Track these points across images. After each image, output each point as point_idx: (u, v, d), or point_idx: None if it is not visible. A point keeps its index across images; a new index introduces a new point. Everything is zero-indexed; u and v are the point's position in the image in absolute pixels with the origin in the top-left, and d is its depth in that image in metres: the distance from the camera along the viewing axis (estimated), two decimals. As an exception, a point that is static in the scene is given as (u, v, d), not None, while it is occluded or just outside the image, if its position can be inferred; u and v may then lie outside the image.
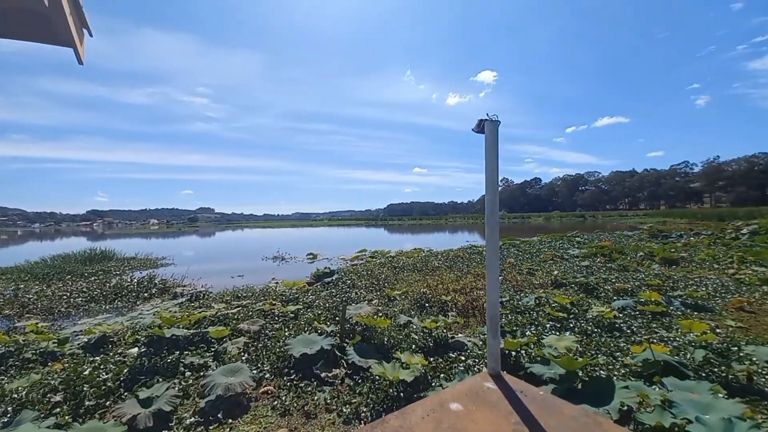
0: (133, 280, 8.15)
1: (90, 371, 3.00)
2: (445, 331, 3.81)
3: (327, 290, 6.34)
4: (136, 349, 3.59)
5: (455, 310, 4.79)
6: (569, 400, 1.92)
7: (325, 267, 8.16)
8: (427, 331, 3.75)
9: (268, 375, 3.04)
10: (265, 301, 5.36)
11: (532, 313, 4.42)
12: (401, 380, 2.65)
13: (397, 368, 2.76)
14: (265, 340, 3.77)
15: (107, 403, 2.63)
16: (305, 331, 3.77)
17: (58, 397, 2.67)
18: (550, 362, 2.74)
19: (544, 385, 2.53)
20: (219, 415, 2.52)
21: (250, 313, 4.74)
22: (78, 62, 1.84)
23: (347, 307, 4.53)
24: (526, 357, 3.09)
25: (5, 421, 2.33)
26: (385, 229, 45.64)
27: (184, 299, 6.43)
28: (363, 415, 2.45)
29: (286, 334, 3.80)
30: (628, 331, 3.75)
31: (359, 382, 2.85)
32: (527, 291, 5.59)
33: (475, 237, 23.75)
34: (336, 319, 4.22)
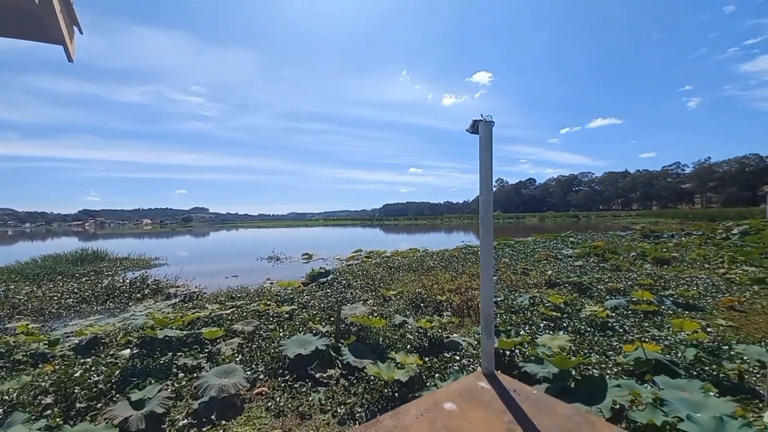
0: (125, 280, 8.05)
1: (81, 373, 2.97)
2: (440, 330, 3.82)
3: (322, 290, 6.32)
4: (128, 351, 3.55)
5: (450, 309, 4.81)
6: (562, 399, 1.93)
7: (321, 267, 8.14)
8: (422, 331, 3.75)
9: (262, 376, 3.02)
10: (259, 302, 5.33)
11: (527, 312, 4.45)
12: (396, 380, 2.65)
13: (392, 368, 2.76)
14: (260, 340, 3.75)
15: (98, 406, 2.61)
16: (300, 332, 3.76)
17: (49, 399, 2.64)
18: (543, 361, 2.76)
19: (538, 384, 2.55)
20: (212, 417, 2.50)
21: (245, 314, 4.71)
22: (68, 60, 1.82)
23: (342, 307, 4.52)
24: (521, 356, 3.10)
25: (-5, 424, 2.29)
26: (380, 229, 45.61)
27: (177, 300, 6.38)
28: (358, 415, 2.45)
29: (281, 334, 3.78)
30: (621, 330, 3.79)
31: (354, 382, 2.84)
32: (522, 290, 5.62)
33: (471, 237, 23.82)
34: (331, 319, 4.22)
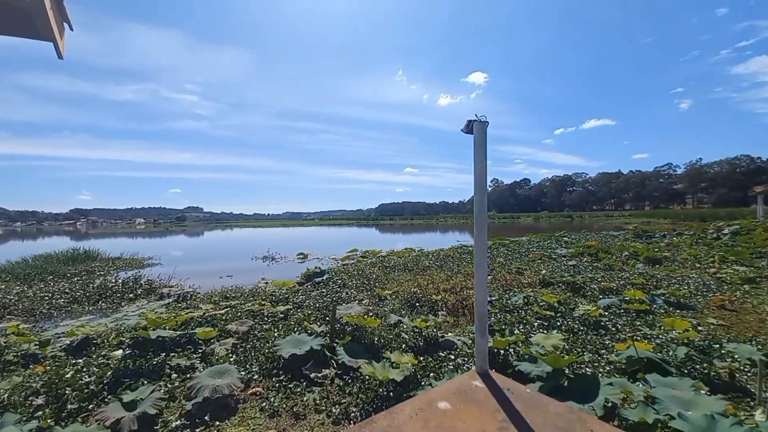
0: (117, 280, 7.96)
1: (72, 374, 2.94)
2: (435, 330, 3.83)
3: (317, 290, 6.31)
4: (120, 352, 3.51)
5: (445, 309, 4.82)
6: (555, 398, 1.95)
7: (316, 267, 8.12)
8: (417, 331, 3.76)
9: (256, 376, 3.01)
10: (254, 302, 5.31)
11: (521, 311, 4.48)
12: (391, 380, 2.65)
13: (387, 368, 2.76)
14: (254, 341, 3.74)
15: (90, 407, 2.58)
16: (295, 332, 3.75)
17: (40, 400, 2.61)
18: (537, 360, 2.78)
19: (532, 382, 2.56)
20: (206, 418, 2.48)
21: (239, 314, 4.68)
22: (58, 57, 1.79)
23: (338, 307, 4.51)
24: (515, 355, 3.13)
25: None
26: (376, 228, 45.59)
27: (170, 300, 6.33)
28: (352, 415, 2.45)
29: (276, 334, 3.77)
30: (613, 329, 3.83)
31: (349, 382, 2.84)
32: (516, 290, 5.66)
33: (466, 237, 23.91)
34: (326, 319, 4.21)
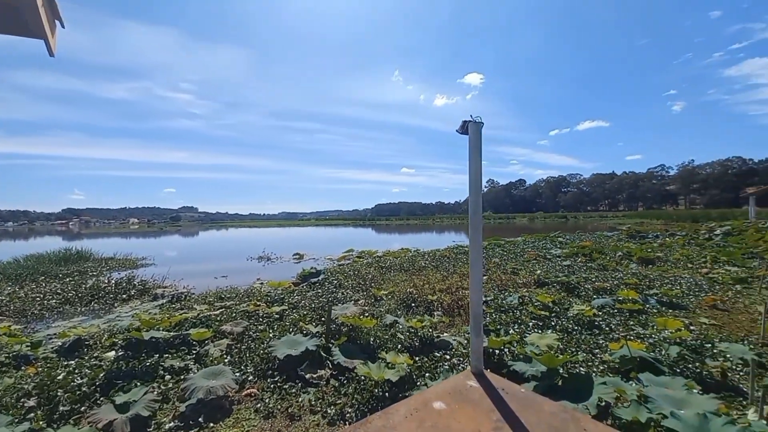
0: (110, 281, 7.88)
1: (64, 375, 2.91)
2: (430, 330, 3.84)
3: (313, 290, 6.29)
4: (113, 353, 3.48)
5: (441, 309, 4.83)
6: (550, 397, 1.96)
7: (312, 267, 8.09)
8: (412, 331, 3.76)
9: (251, 377, 2.99)
10: (249, 302, 5.28)
11: (516, 311, 4.50)
12: (387, 380, 2.65)
13: (382, 368, 2.76)
14: (249, 341, 3.72)
15: (82, 409, 2.55)
16: (290, 332, 3.73)
17: (32, 402, 2.58)
18: (532, 360, 2.79)
19: (526, 382, 2.58)
20: (200, 419, 2.46)
21: (234, 315, 4.66)
22: (49, 54, 1.77)
23: (333, 307, 4.50)
24: (509, 355, 3.14)
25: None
26: (372, 229, 45.58)
27: (164, 301, 6.26)
28: (348, 415, 2.44)
29: (271, 335, 3.75)
30: (607, 329, 3.86)
31: (344, 382, 2.84)
32: (511, 290, 5.68)
33: (462, 237, 23.98)
34: (322, 319, 4.20)
